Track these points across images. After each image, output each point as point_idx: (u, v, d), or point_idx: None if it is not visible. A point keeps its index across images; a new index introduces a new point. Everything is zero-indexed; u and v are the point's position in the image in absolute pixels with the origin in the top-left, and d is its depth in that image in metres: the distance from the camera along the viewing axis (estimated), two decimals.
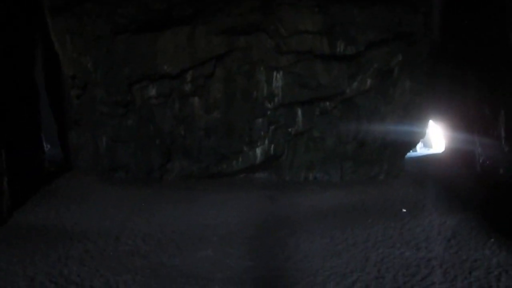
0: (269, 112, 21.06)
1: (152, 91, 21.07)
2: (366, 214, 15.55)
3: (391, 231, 13.33)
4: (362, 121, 20.97)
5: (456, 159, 24.85)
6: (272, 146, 21.36)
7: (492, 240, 11.87)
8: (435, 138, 35.05)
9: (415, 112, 21.38)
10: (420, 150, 32.64)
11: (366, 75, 20.39)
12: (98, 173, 21.78)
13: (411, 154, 26.13)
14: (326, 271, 10.67)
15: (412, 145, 23.33)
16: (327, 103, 20.79)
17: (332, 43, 20.20)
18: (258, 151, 21.36)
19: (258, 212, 16.42)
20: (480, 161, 22.22)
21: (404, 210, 15.70)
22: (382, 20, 20.11)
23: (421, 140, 26.05)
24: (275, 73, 20.66)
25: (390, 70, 20.40)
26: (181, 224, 14.85)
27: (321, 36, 20.14)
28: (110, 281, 10.01)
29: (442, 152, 29.73)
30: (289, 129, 21.25)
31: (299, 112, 20.99)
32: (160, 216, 15.85)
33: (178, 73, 20.87)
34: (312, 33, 20.15)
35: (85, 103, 21.87)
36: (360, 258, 11.40)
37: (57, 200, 17.43)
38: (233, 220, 15.16)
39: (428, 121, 23.47)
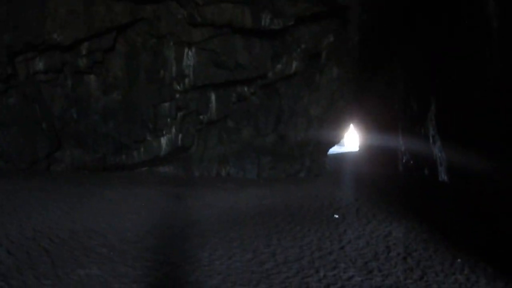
0: (178, 96, 17.00)
1: (39, 65, 16.60)
2: (293, 220, 12.05)
3: (329, 244, 9.78)
4: (284, 111, 17.49)
5: (375, 158, 22.58)
6: (180, 135, 17.36)
7: (459, 260, 8.50)
8: (348, 135, 32.68)
9: (341, 104, 18.21)
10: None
11: (292, 56, 16.66)
12: None
13: None
14: None
15: (336, 141, 20.14)
16: (245, 88, 17.01)
17: (256, 14, 16.28)
18: (164, 140, 17.34)
19: (161, 215, 12.68)
20: (404, 160, 19.93)
21: (337, 216, 12.34)
22: None
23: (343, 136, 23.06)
24: (186, 50, 16.62)
25: (318, 53, 16.88)
26: (63, 229, 10.77)
27: (243, 5, 16.17)
28: None
29: (358, 151, 27.65)
30: (201, 117, 17.31)
31: (213, 97, 17.08)
32: (38, 217, 11.67)
33: (71, 45, 16.41)
34: (233, 1, 16.16)
35: None
36: (297, 285, 7.70)
37: None
38: (130, 225, 11.51)
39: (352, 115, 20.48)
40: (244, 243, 9.95)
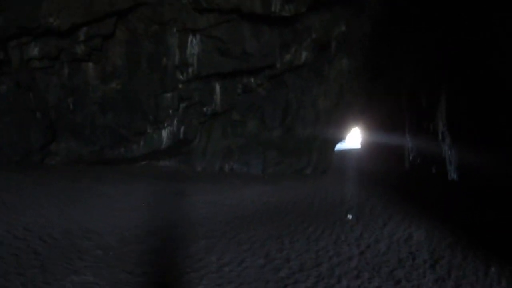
0: (180, 86, 15.82)
1: (34, 51, 15.35)
2: (304, 219, 10.97)
3: (346, 248, 8.65)
4: (291, 104, 16.35)
5: (379, 155, 21.73)
6: (182, 128, 16.19)
7: (494, 269, 7.35)
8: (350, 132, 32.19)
9: (349, 97, 17.11)
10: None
11: (302, 46, 15.49)
12: None
13: None
14: None
15: (343, 136, 19.08)
16: (252, 79, 15.84)
17: None
18: (165, 133, 16.15)
19: (164, 213, 11.54)
20: (410, 158, 19.03)
21: (350, 217, 11.24)
22: None
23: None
24: (190, 37, 15.40)
25: (328, 42, 15.87)
26: (56, 228, 9.59)
27: None
28: None
29: (360, 148, 26.94)
30: (204, 109, 16.15)
31: (218, 87, 15.90)
32: (29, 215, 10.47)
33: (68, 30, 15.14)
34: None
35: None
36: None
37: None
38: (129, 224, 10.30)
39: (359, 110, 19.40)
40: (254, 246, 8.83)
